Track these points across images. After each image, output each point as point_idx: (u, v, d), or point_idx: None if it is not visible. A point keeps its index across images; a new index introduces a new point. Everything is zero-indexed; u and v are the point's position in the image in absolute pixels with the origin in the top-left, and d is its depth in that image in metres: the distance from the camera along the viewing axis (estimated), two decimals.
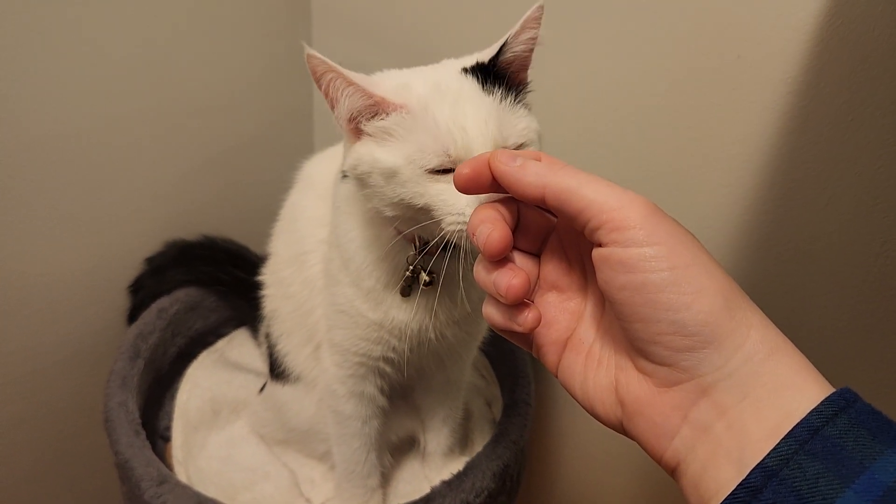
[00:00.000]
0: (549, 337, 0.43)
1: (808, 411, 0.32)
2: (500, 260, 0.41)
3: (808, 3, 0.67)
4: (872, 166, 0.69)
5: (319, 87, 0.53)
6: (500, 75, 0.55)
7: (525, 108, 0.55)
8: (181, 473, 0.84)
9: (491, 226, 0.40)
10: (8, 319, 0.89)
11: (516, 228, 0.43)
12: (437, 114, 0.51)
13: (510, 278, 0.40)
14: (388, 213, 0.54)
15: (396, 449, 0.88)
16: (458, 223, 0.49)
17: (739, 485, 0.32)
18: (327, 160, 0.79)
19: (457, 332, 0.67)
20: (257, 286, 0.88)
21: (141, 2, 0.90)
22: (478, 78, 0.54)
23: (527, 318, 0.41)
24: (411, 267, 0.61)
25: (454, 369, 0.82)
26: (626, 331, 0.38)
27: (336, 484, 0.82)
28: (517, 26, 0.54)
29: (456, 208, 0.49)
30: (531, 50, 0.56)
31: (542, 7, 0.54)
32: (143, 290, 1.01)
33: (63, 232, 0.92)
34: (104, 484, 1.07)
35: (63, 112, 0.86)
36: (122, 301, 1.02)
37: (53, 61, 0.83)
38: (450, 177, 0.49)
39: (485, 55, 0.57)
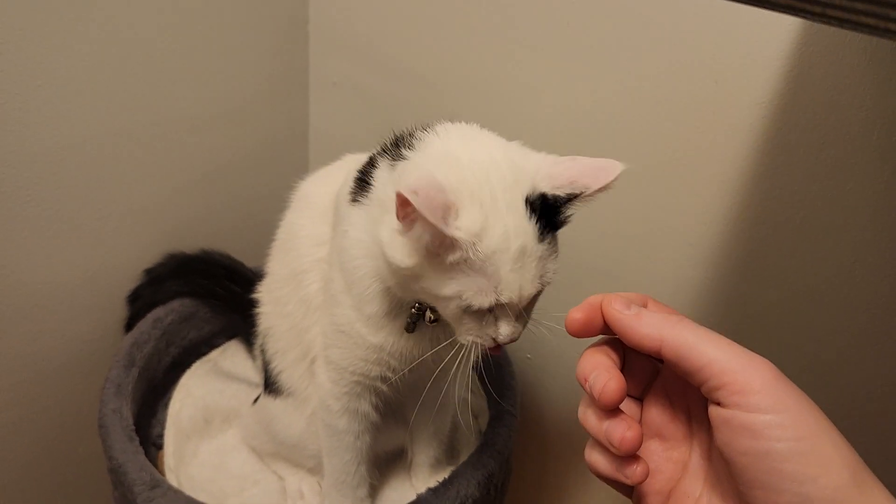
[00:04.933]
0: (653, 487, 0.42)
1: None
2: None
3: (781, 33, 0.70)
4: (844, 186, 0.72)
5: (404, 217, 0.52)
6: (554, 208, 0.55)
7: (557, 248, 0.56)
8: (173, 480, 0.85)
9: (607, 374, 0.39)
10: (8, 326, 0.91)
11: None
12: (501, 267, 0.51)
13: (624, 430, 0.39)
14: (401, 292, 0.60)
15: (384, 460, 0.89)
16: (477, 341, 0.57)
17: None
18: (323, 180, 0.79)
19: (454, 354, 0.67)
20: (251, 301, 0.88)
21: (140, 19, 0.92)
22: (537, 218, 0.54)
23: (635, 471, 0.40)
24: (417, 304, 0.62)
25: (448, 385, 0.82)
26: (744, 495, 0.36)
27: (325, 493, 0.83)
28: (599, 186, 0.54)
29: (482, 333, 0.56)
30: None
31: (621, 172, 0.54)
32: (141, 300, 1.03)
33: (64, 242, 0.94)
34: (96, 489, 1.07)
35: (65, 125, 0.89)
36: (119, 310, 1.03)
37: (55, 75, 0.85)
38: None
39: (559, 187, 0.55)
